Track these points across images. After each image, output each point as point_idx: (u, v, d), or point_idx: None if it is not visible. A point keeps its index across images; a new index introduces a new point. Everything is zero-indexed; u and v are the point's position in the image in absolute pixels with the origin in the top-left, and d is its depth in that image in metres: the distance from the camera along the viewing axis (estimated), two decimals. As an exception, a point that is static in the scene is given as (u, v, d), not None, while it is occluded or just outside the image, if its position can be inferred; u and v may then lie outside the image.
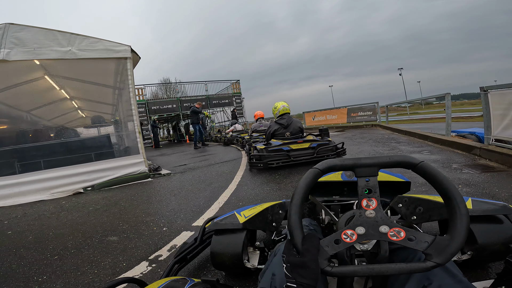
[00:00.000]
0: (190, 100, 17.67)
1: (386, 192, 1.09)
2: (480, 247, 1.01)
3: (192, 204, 2.83)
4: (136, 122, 4.62)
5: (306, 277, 0.53)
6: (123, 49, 4.65)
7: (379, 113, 9.87)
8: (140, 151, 4.64)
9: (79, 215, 2.96)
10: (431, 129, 6.87)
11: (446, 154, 3.88)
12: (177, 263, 1.32)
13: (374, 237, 0.58)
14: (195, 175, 4.46)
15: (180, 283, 0.66)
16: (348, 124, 11.20)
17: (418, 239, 0.55)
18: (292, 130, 4.57)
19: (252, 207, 1.43)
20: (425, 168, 0.57)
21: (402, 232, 0.55)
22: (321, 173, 0.61)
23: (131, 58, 4.71)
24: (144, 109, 16.15)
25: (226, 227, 1.29)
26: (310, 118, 13.58)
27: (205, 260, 1.64)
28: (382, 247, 0.66)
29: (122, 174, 4.49)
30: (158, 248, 1.91)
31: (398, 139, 5.96)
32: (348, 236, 0.58)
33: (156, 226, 2.36)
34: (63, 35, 4.16)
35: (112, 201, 3.42)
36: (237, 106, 18.58)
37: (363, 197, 0.60)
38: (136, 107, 4.67)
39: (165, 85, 27.85)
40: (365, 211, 0.59)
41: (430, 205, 0.92)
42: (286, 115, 4.67)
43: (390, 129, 8.04)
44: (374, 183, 0.60)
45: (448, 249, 0.51)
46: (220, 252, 1.24)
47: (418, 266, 0.52)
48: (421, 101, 17.70)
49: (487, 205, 1.09)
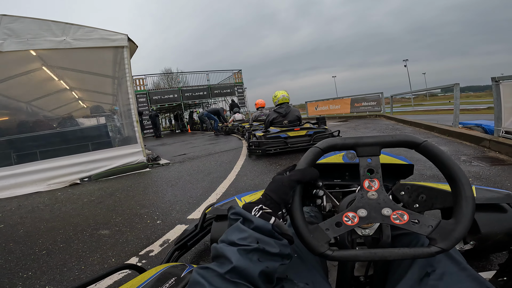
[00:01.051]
0: (192, 90, 17.52)
1: (388, 176, 1.06)
2: (483, 237, 0.98)
3: (189, 195, 2.74)
4: (134, 111, 4.50)
5: (273, 190, 0.52)
6: (120, 38, 4.49)
7: (383, 104, 9.64)
8: (138, 140, 4.53)
9: (73, 207, 2.88)
10: (436, 120, 6.68)
11: (454, 145, 3.73)
12: (177, 250, 1.31)
13: (376, 220, 0.54)
14: (194, 165, 4.37)
15: (179, 269, 0.64)
16: (351, 114, 10.99)
17: (422, 222, 0.52)
18: (290, 119, 4.65)
19: (253, 192, 1.40)
20: (429, 147, 0.54)
21: (405, 215, 0.52)
22: (321, 152, 0.58)
23: (128, 47, 4.55)
24: (145, 99, 16.06)
25: (226, 212, 1.29)
26: (312, 108, 13.36)
27: (206, 247, 1.62)
28: (384, 232, 0.63)
29: (119, 164, 4.41)
30: (150, 242, 1.83)
31: (403, 129, 5.80)
32: (349, 219, 0.54)
33: (150, 218, 2.28)
34: (57, 25, 4.03)
35: (107, 192, 3.34)
36: (239, 95, 18.37)
37: (365, 177, 0.56)
38: (134, 96, 4.53)
39: (166, 75, 27.55)
40: (367, 192, 0.56)
41: (433, 193, 0.87)
42: (285, 104, 4.71)
43: (394, 120, 7.85)
44: (376, 163, 0.56)
45: (453, 234, 0.48)
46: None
47: (422, 251, 0.49)
48: (426, 92, 17.34)
49: (491, 193, 1.05)
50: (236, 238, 0.45)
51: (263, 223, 0.46)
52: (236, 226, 0.47)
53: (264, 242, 0.45)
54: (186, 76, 19.90)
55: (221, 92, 18.05)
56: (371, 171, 0.57)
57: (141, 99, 16.07)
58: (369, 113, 10.18)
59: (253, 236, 0.45)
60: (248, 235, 0.45)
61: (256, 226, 0.46)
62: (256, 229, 0.46)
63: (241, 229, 0.46)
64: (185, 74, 21.55)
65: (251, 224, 0.46)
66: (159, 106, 16.87)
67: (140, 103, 15.96)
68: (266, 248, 0.44)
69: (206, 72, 18.02)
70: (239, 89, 18.54)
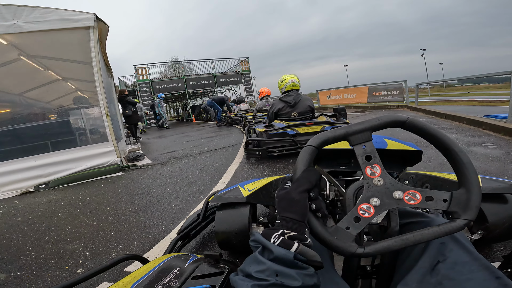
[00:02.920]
0: (196, 78, 16.64)
1: (396, 163, 1.00)
2: (491, 226, 0.97)
3: (146, 225, 1.89)
4: (103, 102, 3.64)
5: (288, 210, 0.46)
6: (84, 18, 3.61)
7: (407, 93, 8.46)
8: (109, 137, 3.70)
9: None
10: (462, 112, 5.55)
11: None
12: (180, 240, 1.29)
13: (391, 205, 0.51)
14: (176, 168, 3.52)
15: (183, 259, 0.64)
16: (368, 104, 9.84)
17: (436, 198, 0.49)
18: (300, 110, 3.54)
19: (256, 180, 1.35)
20: (414, 122, 0.53)
21: (417, 194, 0.50)
22: (316, 149, 0.56)
23: (94, 27, 3.67)
24: (149, 89, 15.33)
25: (230, 200, 1.24)
26: (324, 96, 12.24)
27: (209, 237, 1.56)
28: (392, 219, 0.60)
29: (86, 167, 3.60)
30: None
31: (439, 124, 4.73)
32: (365, 211, 0.51)
33: (73, 261, 1.47)
34: (7, 8, 3.31)
35: (52, 207, 2.54)
36: (246, 84, 17.36)
37: (365, 165, 0.54)
38: (102, 85, 3.64)
39: (172, 64, 26.60)
40: (372, 180, 0.52)
41: (437, 181, 0.90)
42: (294, 92, 3.60)
43: (422, 111, 6.72)
44: (371, 148, 0.54)
45: (470, 203, 0.47)
46: (225, 230, 1.18)
47: (452, 226, 0.47)
48: (443, 82, 15.82)
49: (497, 183, 1.03)
50: (253, 271, 0.41)
51: (284, 253, 0.41)
52: (254, 256, 0.44)
53: (284, 275, 0.40)
54: (193, 65, 19.04)
55: (227, 81, 17.08)
56: (369, 157, 0.54)
57: (144, 89, 15.41)
58: (389, 103, 9.03)
59: (271, 268, 0.41)
60: (266, 267, 0.41)
61: (276, 257, 0.41)
62: (276, 260, 0.41)
63: (259, 261, 0.42)
64: (192, 63, 20.69)
65: (271, 254, 0.42)
66: (163, 95, 16.09)
67: (143, 92, 15.32)
68: (285, 283, 0.40)
69: (211, 60, 17.02)
70: (246, 77, 17.48)
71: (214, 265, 0.63)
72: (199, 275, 0.57)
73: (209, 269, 0.61)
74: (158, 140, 7.61)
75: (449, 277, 0.49)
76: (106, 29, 4.03)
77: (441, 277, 0.50)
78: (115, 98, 7.36)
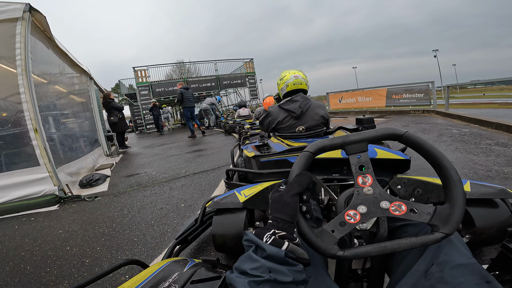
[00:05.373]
0: (198, 81, 15.70)
1: (386, 171, 1.07)
2: (478, 231, 1.00)
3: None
4: (30, 114, 2.61)
5: (280, 211, 0.50)
6: (10, 9, 2.66)
7: (434, 96, 7.19)
8: (40, 160, 2.67)
9: None
10: (489, 116, 4.26)
11: None
12: (178, 245, 1.34)
13: (376, 214, 0.55)
14: (128, 204, 2.46)
15: (181, 264, 0.65)
16: (387, 109, 8.59)
17: (420, 210, 0.53)
18: (310, 123, 2.22)
19: (252, 186, 1.35)
20: (411, 137, 0.56)
21: (403, 206, 0.54)
22: (312, 155, 0.60)
23: (24, 19, 2.70)
24: (148, 92, 14.49)
25: (227, 206, 1.25)
26: (335, 100, 11.02)
27: (207, 241, 1.59)
28: (381, 225, 0.63)
29: (12, 198, 2.60)
30: None
31: (491, 137, 3.51)
32: (351, 217, 0.55)
33: None
34: None
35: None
36: (251, 86, 16.33)
37: (358, 174, 0.58)
38: (29, 91, 2.60)
39: (178, 67, 25.77)
40: (362, 189, 0.57)
41: (429, 187, 0.93)
42: (300, 96, 2.22)
43: (458, 118, 5.46)
44: (366, 159, 0.58)
45: (452, 218, 0.51)
46: (221, 233, 1.20)
47: (429, 239, 0.50)
48: (456, 85, 14.49)
49: (485, 188, 1.07)
50: (248, 268, 0.44)
51: (276, 251, 0.45)
52: (248, 255, 0.47)
53: (276, 272, 0.44)
54: (198, 67, 18.13)
55: (230, 83, 16.08)
56: (362, 167, 0.57)
57: (144, 92, 14.60)
58: (412, 107, 7.77)
59: (265, 266, 0.44)
60: (260, 265, 0.44)
61: (269, 255, 0.45)
62: (268, 258, 0.45)
63: (253, 259, 0.45)
64: (197, 65, 19.75)
65: (264, 252, 0.45)
66: (162, 99, 15.22)
67: (142, 96, 14.50)
68: (278, 278, 0.43)
69: (214, 62, 16.07)
70: (251, 79, 16.45)
71: (212, 270, 0.65)
72: (197, 280, 0.59)
73: (207, 273, 0.62)
74: (143, 151, 6.61)
75: (443, 280, 0.51)
76: (40, 20, 3.05)
77: (435, 280, 0.51)
78: (96, 105, 6.40)
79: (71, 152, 3.68)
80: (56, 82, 3.93)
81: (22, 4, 2.73)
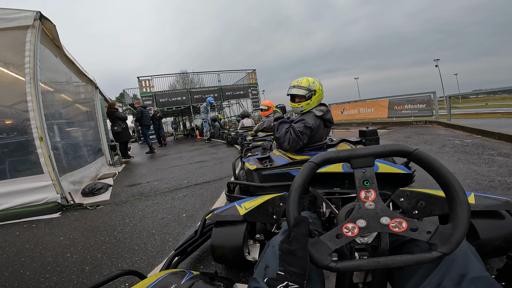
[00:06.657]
0: (201, 91, 15.89)
1: (388, 185, 1.08)
2: (483, 242, 0.99)
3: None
4: (37, 122, 2.66)
5: (293, 265, 0.51)
6: (21, 16, 2.75)
7: (436, 106, 7.21)
8: (44, 169, 2.69)
9: None
10: (495, 126, 4.23)
11: None
12: (177, 256, 1.32)
13: (376, 229, 0.55)
14: (130, 213, 2.46)
15: (179, 276, 0.64)
16: (389, 120, 8.61)
17: (420, 229, 0.53)
18: (327, 132, 2.36)
19: (253, 199, 1.35)
20: (421, 155, 0.55)
21: (403, 223, 0.53)
22: (316, 166, 0.60)
23: (34, 26, 2.79)
24: (152, 102, 14.66)
25: (227, 218, 1.25)
26: (337, 111, 11.08)
27: (206, 253, 1.57)
28: (382, 239, 0.63)
29: (15, 204, 2.62)
30: None
31: (494, 147, 3.50)
32: (349, 230, 0.55)
33: None
34: None
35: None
36: (253, 97, 16.47)
37: (361, 188, 0.58)
38: (36, 99, 2.67)
39: (181, 77, 26.14)
40: (364, 203, 0.57)
41: (432, 199, 0.91)
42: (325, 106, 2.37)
43: (460, 128, 5.46)
44: (371, 174, 0.58)
45: (452, 238, 0.50)
46: (220, 245, 1.20)
47: (424, 257, 0.50)
48: (458, 94, 14.50)
49: (490, 200, 1.05)
50: None
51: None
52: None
53: None
54: (202, 78, 18.38)
55: (233, 94, 16.25)
56: (367, 181, 0.57)
57: (147, 102, 14.74)
58: (414, 118, 7.78)
59: None
60: None
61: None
62: None
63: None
64: (200, 76, 19.99)
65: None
66: (166, 109, 15.38)
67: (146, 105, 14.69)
68: None
69: (217, 72, 16.30)
70: (254, 90, 16.61)
71: (210, 283, 0.63)
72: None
73: (205, 286, 0.60)
74: (146, 162, 6.63)
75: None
76: (51, 29, 3.14)
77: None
78: (100, 114, 6.50)
79: (74, 160, 3.71)
80: (62, 90, 4.00)
81: (33, 12, 2.82)
